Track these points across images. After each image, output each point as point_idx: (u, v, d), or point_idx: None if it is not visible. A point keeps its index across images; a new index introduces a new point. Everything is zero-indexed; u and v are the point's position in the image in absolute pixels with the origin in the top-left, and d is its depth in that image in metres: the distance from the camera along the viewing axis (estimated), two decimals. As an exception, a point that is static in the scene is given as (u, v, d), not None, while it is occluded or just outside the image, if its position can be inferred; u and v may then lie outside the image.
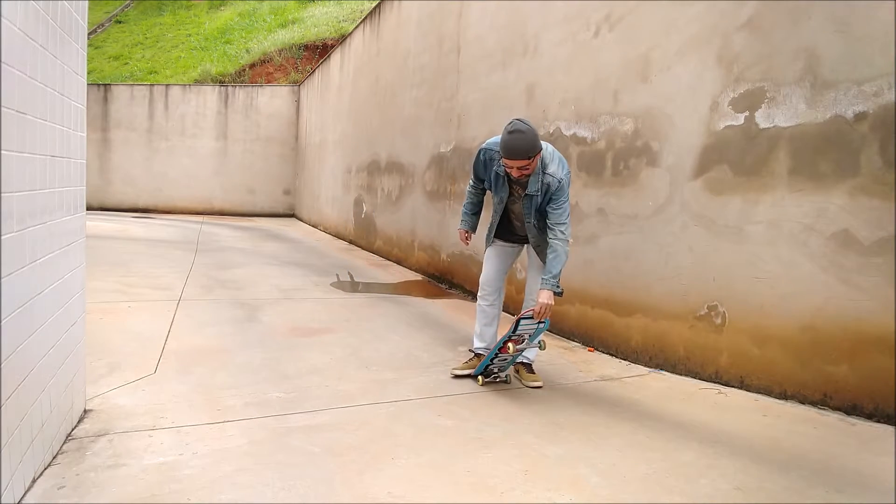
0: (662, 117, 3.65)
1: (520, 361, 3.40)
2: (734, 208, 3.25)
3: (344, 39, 11.43)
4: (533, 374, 3.36)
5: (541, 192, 3.10)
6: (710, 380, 3.35)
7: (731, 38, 3.27)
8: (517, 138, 2.96)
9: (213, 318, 4.58)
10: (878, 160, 2.71)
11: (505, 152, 3.00)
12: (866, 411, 2.77)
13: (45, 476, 2.12)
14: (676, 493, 2.17)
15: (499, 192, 3.25)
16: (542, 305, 3.02)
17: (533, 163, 3.03)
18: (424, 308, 5.37)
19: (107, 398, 2.88)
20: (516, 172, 3.04)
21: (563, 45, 4.51)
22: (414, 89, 7.49)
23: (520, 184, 3.17)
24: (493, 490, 2.16)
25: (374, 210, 9.17)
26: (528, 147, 2.97)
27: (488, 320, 3.44)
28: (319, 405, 2.93)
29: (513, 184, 3.21)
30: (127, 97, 16.66)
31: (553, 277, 3.05)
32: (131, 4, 28.03)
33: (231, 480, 2.15)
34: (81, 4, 2.48)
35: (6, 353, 1.77)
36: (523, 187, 3.16)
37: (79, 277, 2.55)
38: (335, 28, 17.56)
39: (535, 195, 3.11)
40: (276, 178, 16.79)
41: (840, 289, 2.83)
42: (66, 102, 2.29)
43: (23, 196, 1.87)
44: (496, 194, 3.28)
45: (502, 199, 3.26)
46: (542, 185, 3.09)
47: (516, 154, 2.97)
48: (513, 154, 2.97)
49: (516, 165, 3.00)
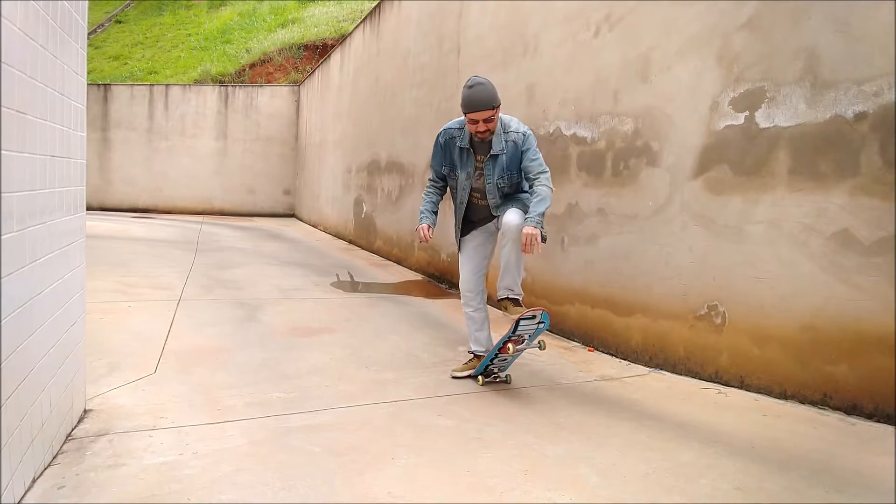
0: (662, 117, 3.65)
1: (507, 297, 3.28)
2: (734, 208, 3.25)
3: (344, 39, 11.43)
4: (519, 307, 3.23)
5: (507, 152, 3.17)
6: (710, 380, 3.35)
7: (731, 38, 3.27)
8: (479, 90, 3.06)
9: (214, 318, 4.58)
10: (878, 160, 2.71)
11: (470, 106, 3.07)
12: (866, 411, 2.77)
13: (45, 476, 2.12)
14: (676, 493, 2.17)
15: (465, 167, 3.29)
16: (528, 235, 2.93)
17: (496, 115, 3.11)
18: (424, 308, 5.37)
19: (107, 398, 2.88)
20: (482, 126, 3.10)
21: (563, 45, 4.51)
22: (414, 89, 7.49)
23: (482, 150, 3.23)
24: (493, 490, 2.16)
25: (374, 210, 9.17)
26: (491, 97, 3.07)
27: (478, 325, 3.42)
28: (319, 405, 2.93)
29: (476, 153, 3.25)
30: (127, 97, 16.66)
31: (539, 216, 2.99)
32: (131, 4, 28.02)
33: (231, 480, 2.15)
34: (81, 4, 2.48)
35: (6, 353, 1.77)
36: (486, 153, 3.21)
37: (79, 277, 2.55)
38: (335, 28, 17.56)
39: (501, 154, 3.18)
40: (276, 178, 16.79)
41: (840, 289, 2.83)
42: (66, 102, 2.29)
43: (23, 196, 1.87)
44: (462, 170, 3.30)
45: (469, 175, 3.28)
46: (508, 144, 3.17)
47: (481, 104, 3.05)
48: (478, 105, 3.05)
49: (482, 118, 3.07)
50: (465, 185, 3.32)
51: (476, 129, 3.12)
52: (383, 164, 8.74)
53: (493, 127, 3.14)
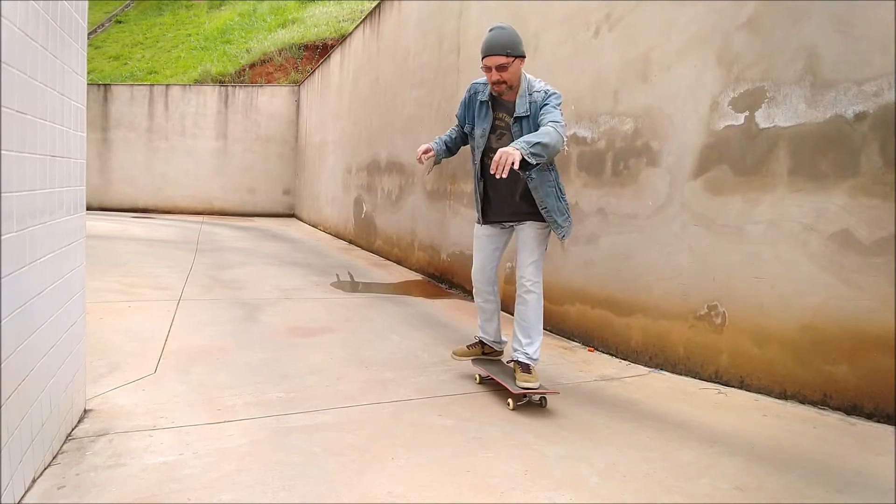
0: (662, 117, 3.65)
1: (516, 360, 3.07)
2: (734, 208, 3.25)
3: (344, 39, 11.43)
4: (528, 374, 2.98)
5: (531, 114, 2.93)
6: (710, 380, 3.35)
7: (731, 38, 3.27)
8: (496, 34, 2.88)
9: (214, 318, 4.58)
10: (878, 160, 2.71)
11: (484, 49, 2.88)
12: (866, 411, 2.77)
13: (45, 476, 2.12)
14: (676, 492, 2.17)
15: (481, 123, 3.09)
16: (502, 153, 2.57)
17: (512, 65, 2.89)
18: (424, 308, 5.37)
19: (107, 398, 2.88)
20: (495, 76, 2.89)
21: (563, 44, 4.51)
22: (414, 89, 7.49)
23: (506, 110, 3.02)
24: (493, 490, 2.16)
25: (374, 210, 9.17)
26: (507, 42, 2.86)
27: (487, 316, 3.32)
28: (319, 405, 2.93)
29: (496, 110, 3.05)
30: (127, 97, 16.66)
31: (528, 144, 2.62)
32: (131, 4, 28.03)
33: (231, 480, 2.15)
34: (81, 4, 2.48)
35: (6, 353, 1.77)
36: (508, 113, 3.00)
37: (79, 277, 2.55)
38: (335, 28, 17.56)
39: (525, 116, 2.94)
40: (276, 178, 16.79)
41: (840, 289, 2.83)
42: (66, 102, 2.29)
43: (23, 196, 1.87)
44: (478, 126, 3.10)
45: (484, 132, 3.08)
46: (532, 106, 2.92)
47: (493, 48, 2.85)
48: (490, 48, 2.86)
49: (494, 65, 2.87)
50: (480, 143, 3.10)
51: (490, 78, 2.92)
52: (383, 164, 8.74)
53: (509, 79, 2.91)
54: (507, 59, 2.87)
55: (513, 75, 2.93)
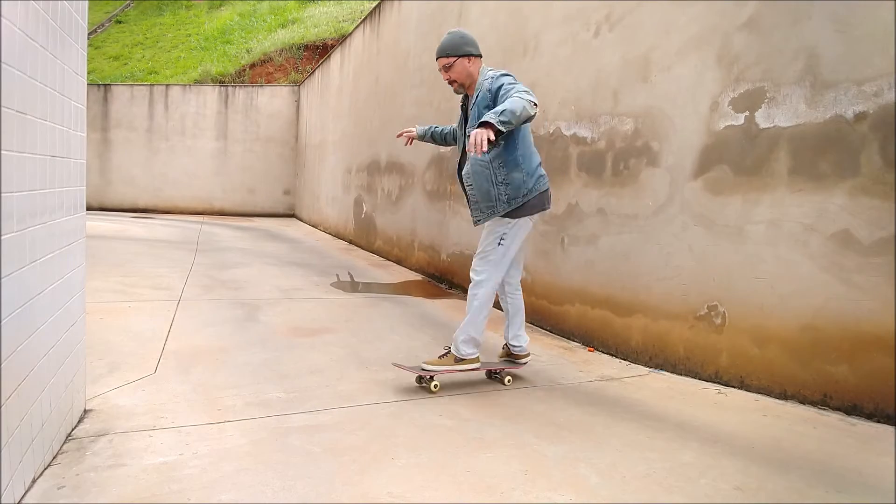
0: (662, 117, 3.65)
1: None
2: (734, 208, 3.25)
3: (344, 39, 11.43)
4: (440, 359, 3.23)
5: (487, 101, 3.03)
6: (710, 380, 3.35)
7: (731, 38, 3.27)
8: (443, 39, 3.12)
9: (214, 318, 4.58)
10: (878, 160, 2.71)
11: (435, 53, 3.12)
12: (866, 411, 2.77)
13: (45, 476, 2.12)
14: (676, 492, 2.17)
15: (459, 124, 3.30)
16: (473, 133, 2.64)
17: (456, 65, 3.09)
18: (424, 308, 5.37)
19: (107, 398, 2.88)
20: (445, 76, 3.14)
21: (563, 45, 4.51)
22: (414, 89, 7.49)
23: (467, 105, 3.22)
24: (493, 490, 2.16)
25: (374, 210, 9.17)
26: (447, 44, 3.08)
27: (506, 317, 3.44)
28: (319, 405, 2.93)
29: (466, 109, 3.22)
30: (127, 97, 16.67)
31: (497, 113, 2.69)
32: (131, 4, 28.03)
33: (231, 480, 2.15)
34: (81, 4, 2.48)
35: (6, 353, 1.77)
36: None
37: (79, 277, 2.55)
38: (335, 28, 17.57)
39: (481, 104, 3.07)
40: (276, 179, 16.80)
41: (840, 289, 2.83)
42: (66, 102, 2.29)
43: (23, 196, 1.87)
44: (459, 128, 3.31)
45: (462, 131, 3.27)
46: (482, 93, 3.08)
47: (437, 52, 3.10)
48: (436, 52, 3.11)
49: (441, 66, 3.12)
50: (462, 143, 3.29)
51: (444, 79, 3.15)
52: (383, 165, 8.75)
53: (457, 78, 3.13)
54: (449, 59, 3.10)
55: (459, 74, 3.14)
